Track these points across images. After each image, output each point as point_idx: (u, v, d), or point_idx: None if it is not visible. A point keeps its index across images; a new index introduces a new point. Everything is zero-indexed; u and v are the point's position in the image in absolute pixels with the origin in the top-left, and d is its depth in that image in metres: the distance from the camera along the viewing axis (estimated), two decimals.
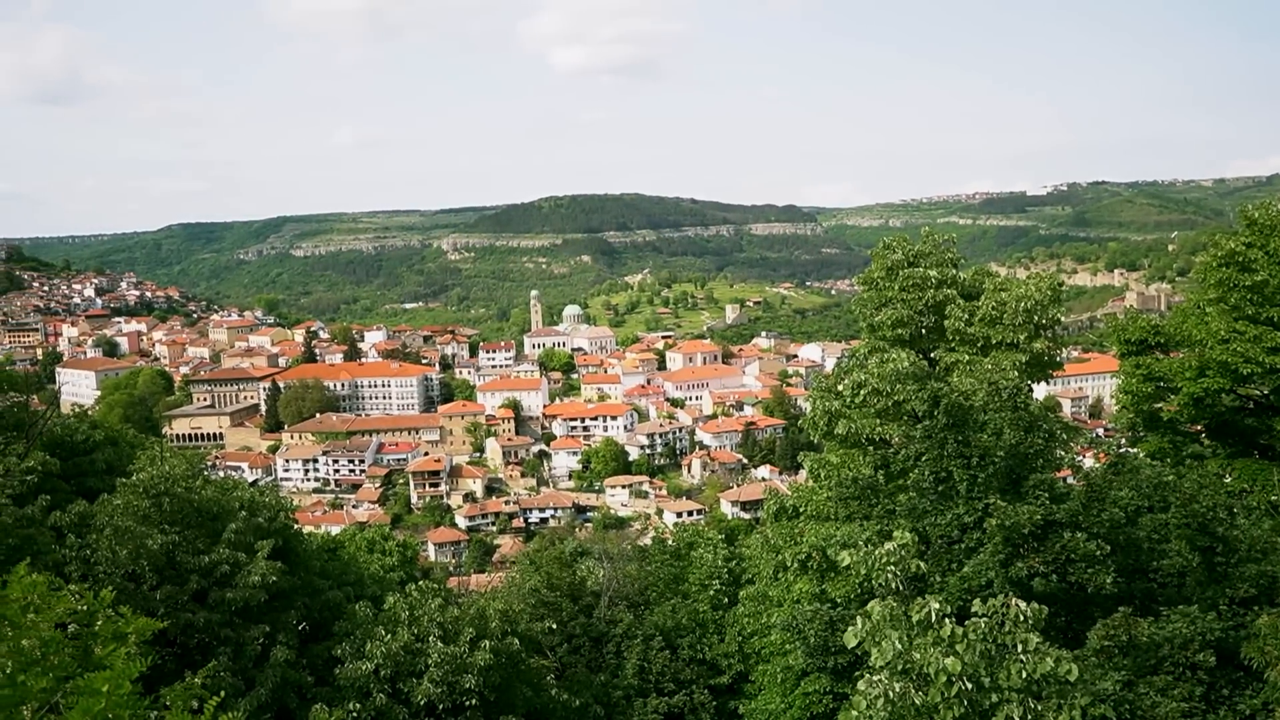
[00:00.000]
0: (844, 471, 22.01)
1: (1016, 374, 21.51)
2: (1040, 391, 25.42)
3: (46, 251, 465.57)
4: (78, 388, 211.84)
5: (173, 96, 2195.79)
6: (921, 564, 12.55)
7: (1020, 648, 10.50)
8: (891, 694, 10.35)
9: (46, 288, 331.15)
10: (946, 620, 10.70)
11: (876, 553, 12.20)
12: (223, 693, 8.34)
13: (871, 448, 23.21)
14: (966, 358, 23.57)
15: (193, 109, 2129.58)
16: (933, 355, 25.40)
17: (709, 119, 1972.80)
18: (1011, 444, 17.80)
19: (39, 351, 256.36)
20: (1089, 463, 25.09)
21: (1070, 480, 21.65)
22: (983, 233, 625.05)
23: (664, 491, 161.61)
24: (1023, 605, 10.79)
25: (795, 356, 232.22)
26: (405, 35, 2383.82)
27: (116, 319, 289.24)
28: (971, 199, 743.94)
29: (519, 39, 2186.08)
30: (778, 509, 25.68)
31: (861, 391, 22.04)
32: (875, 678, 10.58)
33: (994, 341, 24.12)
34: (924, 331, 25.68)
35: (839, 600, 20.62)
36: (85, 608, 8.10)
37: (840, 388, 23.52)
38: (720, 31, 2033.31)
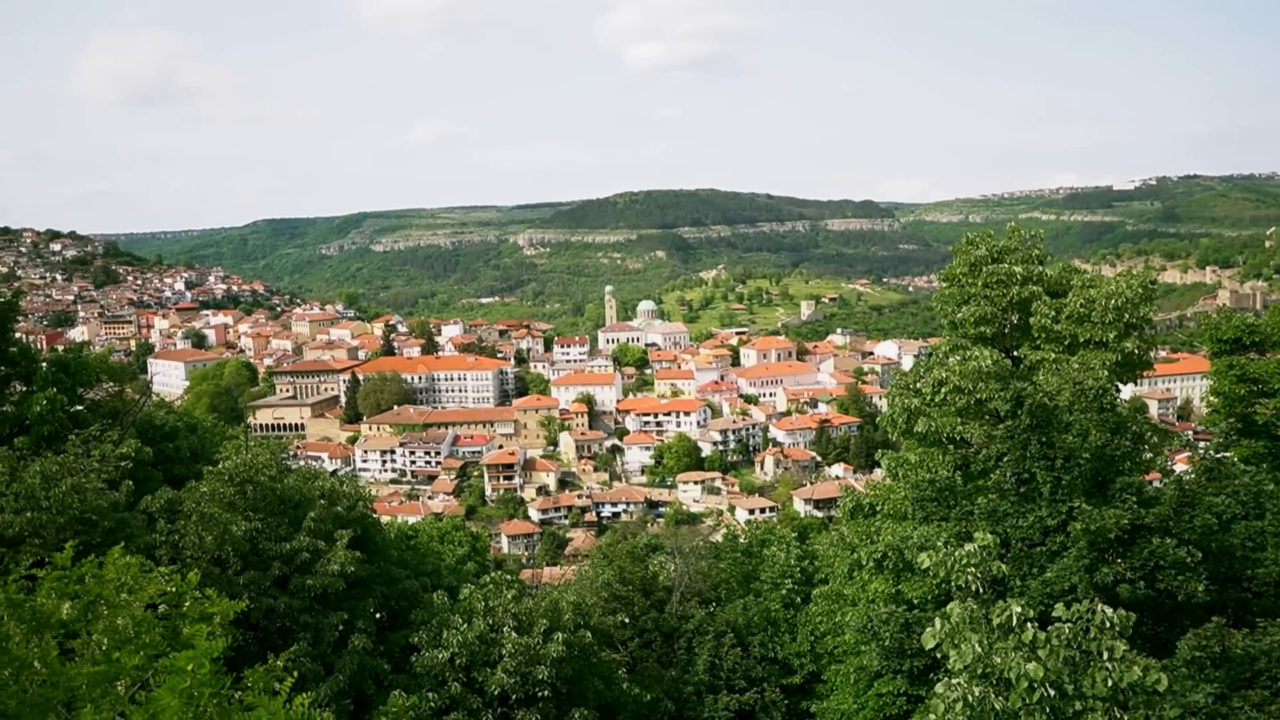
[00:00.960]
0: (922, 471, 21.63)
1: (1105, 374, 20.89)
2: (1126, 392, 24.62)
3: (140, 247, 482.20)
4: (168, 378, 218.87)
5: (260, 96, 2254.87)
6: (1003, 566, 12.27)
7: (1106, 655, 10.21)
8: (971, 698, 10.14)
9: (140, 282, 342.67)
10: (1029, 625, 10.44)
11: (956, 554, 11.96)
12: (295, 674, 8.51)
13: (952, 446, 22.74)
14: (1052, 356, 22.94)
15: (279, 108, 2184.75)
16: (1016, 353, 24.80)
17: (785, 114, 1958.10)
18: (1098, 446, 17.29)
19: (132, 343, 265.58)
20: (1180, 467, 24.27)
21: (1159, 484, 20.97)
22: (1066, 229, 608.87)
23: (736, 488, 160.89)
24: (1109, 611, 10.48)
25: (871, 354, 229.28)
26: (481, 34, 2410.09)
27: (205, 312, 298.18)
28: (1055, 194, 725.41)
29: (594, 36, 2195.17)
30: (853, 507, 25.35)
31: (942, 389, 21.64)
32: (954, 681, 10.37)
33: (1081, 340, 23.44)
34: (1007, 329, 25.07)
35: (915, 601, 20.30)
36: (174, 589, 8.35)
37: (920, 385, 23.12)
38: (797, 26, 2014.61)
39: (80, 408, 27.29)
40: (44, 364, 27.14)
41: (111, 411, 28.84)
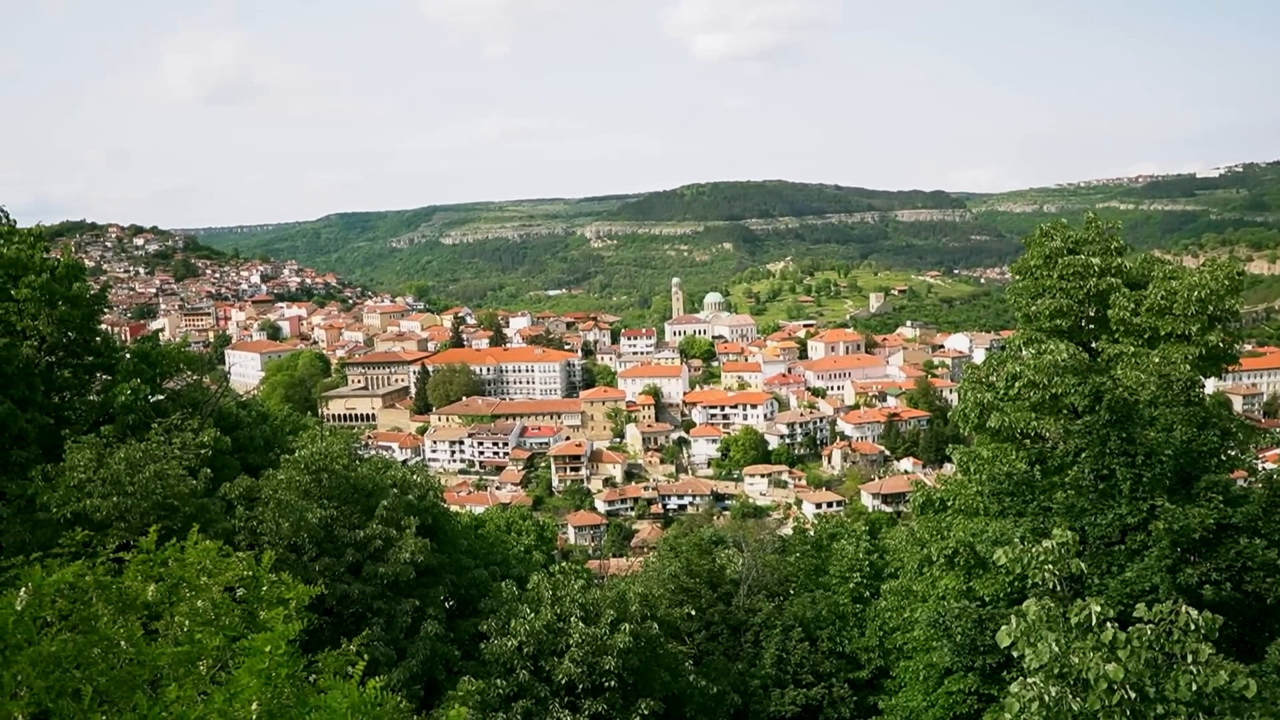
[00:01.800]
0: (996, 466, 21.19)
1: (1187, 368, 20.23)
2: (1210, 387, 23.83)
3: (218, 241, 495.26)
4: (244, 369, 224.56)
5: (331, 92, 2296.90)
6: (1081, 564, 11.96)
7: (1190, 658, 9.90)
8: (1047, 698, 9.91)
9: (218, 275, 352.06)
10: (1108, 625, 10.17)
11: (1034, 550, 11.69)
12: (365, 657, 8.65)
13: (1027, 442, 22.25)
14: (1131, 350, 22.28)
15: (349, 104, 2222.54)
16: (1093, 347, 24.16)
17: (853, 104, 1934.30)
18: (1182, 442, 16.76)
19: (211, 334, 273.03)
20: (1269, 465, 23.44)
21: (1246, 483, 20.27)
22: (1146, 218, 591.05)
23: (803, 482, 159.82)
24: (1193, 613, 10.16)
25: (941, 347, 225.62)
26: (548, 27, 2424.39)
27: (279, 304, 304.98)
28: (1134, 182, 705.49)
29: (660, 27, 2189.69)
30: (924, 502, 24.97)
31: (1016, 384, 21.16)
32: (1030, 680, 10.14)
33: (1162, 333, 22.73)
34: (1084, 323, 24.43)
35: (987, 598, 19.94)
36: (250, 573, 8.55)
37: (993, 379, 22.63)
38: (865, 13, 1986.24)
39: (161, 397, 28.08)
40: (126, 355, 27.95)
41: (191, 401, 29.65)
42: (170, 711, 6.50)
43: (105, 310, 30.07)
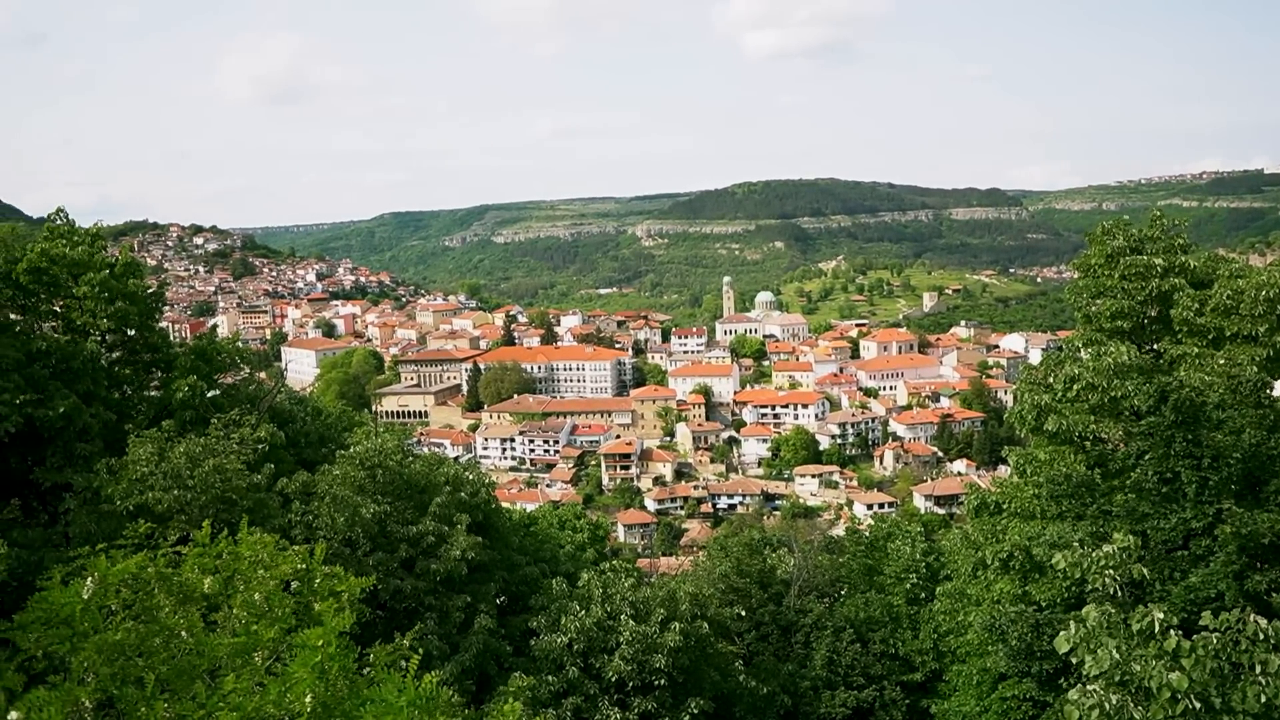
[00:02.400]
0: (1054, 468, 20.75)
1: (1255, 369, 19.66)
2: (1277, 390, 23.13)
3: (275, 240, 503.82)
4: (300, 366, 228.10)
5: (385, 92, 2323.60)
6: (1144, 570, 11.68)
7: (1259, 669, 9.61)
8: (1108, 706, 9.69)
9: (275, 273, 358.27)
10: (1172, 632, 9.91)
11: (1094, 555, 11.44)
12: (420, 652, 8.72)
13: (1087, 444, 21.78)
14: (1196, 351, 21.69)
15: (404, 103, 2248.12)
16: (1155, 348, 23.60)
17: (907, 100, 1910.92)
18: (1251, 445, 16.29)
19: (268, 331, 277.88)
20: None
21: None
22: (1210, 216, 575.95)
23: (855, 482, 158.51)
24: (1262, 622, 9.86)
25: (996, 347, 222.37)
26: (599, 26, 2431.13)
27: (334, 302, 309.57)
28: (1198, 179, 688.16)
29: (711, 25, 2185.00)
30: (979, 504, 24.56)
31: (1075, 385, 20.70)
32: (1090, 687, 9.92)
33: (1228, 334, 22.10)
34: (1146, 323, 23.85)
35: (1043, 603, 19.60)
36: (304, 566, 8.67)
37: (1051, 381, 22.18)
38: (918, 8, 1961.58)
39: (217, 393, 28.65)
40: (183, 352, 28.54)
41: (247, 397, 30.22)
42: (228, 701, 6.61)
43: (163, 307, 30.73)
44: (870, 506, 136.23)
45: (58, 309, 25.81)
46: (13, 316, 24.17)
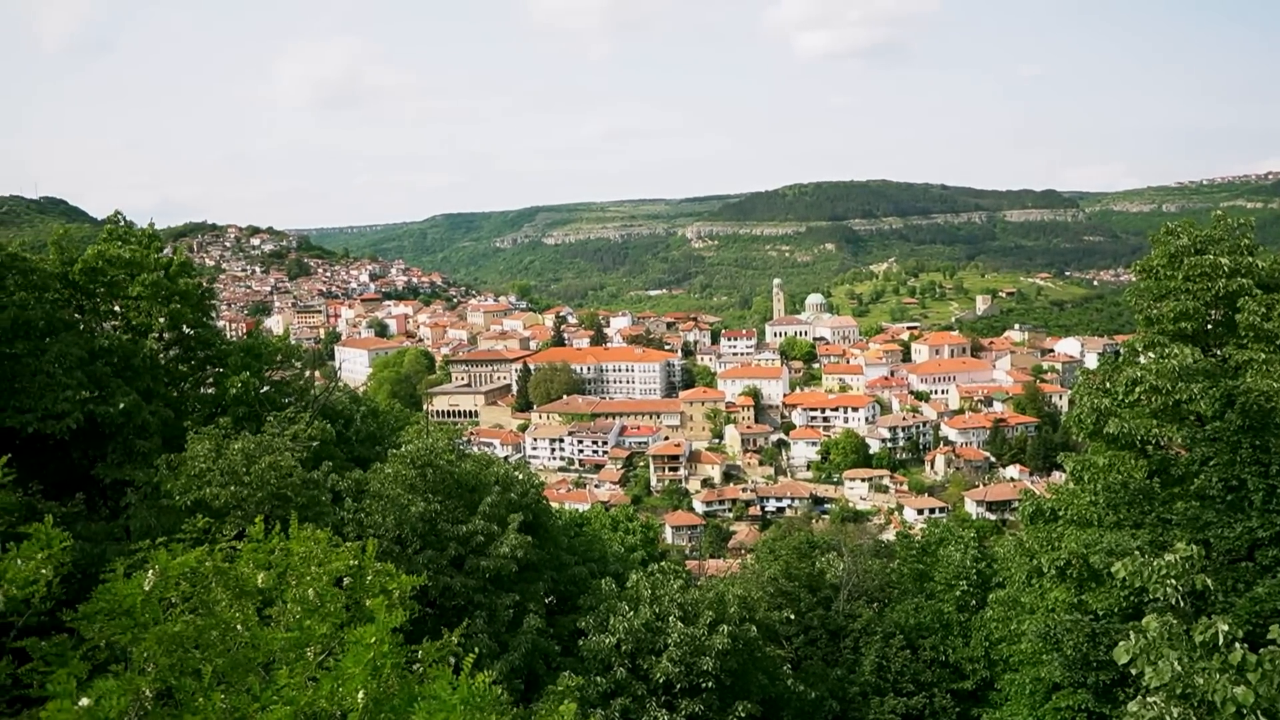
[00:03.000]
0: (1113, 475, 20.30)
1: None
2: None
3: (329, 241, 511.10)
4: (353, 365, 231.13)
5: (437, 95, 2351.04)
6: (1207, 580, 11.37)
7: None
8: (1169, 718, 9.45)
9: (329, 273, 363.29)
10: (1237, 645, 9.63)
11: (1155, 564, 11.16)
12: (477, 650, 8.77)
13: (1150, 448, 21.29)
14: (1262, 356, 21.09)
15: (456, 106, 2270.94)
16: (1220, 352, 22.99)
17: (960, 100, 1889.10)
18: None
19: (322, 331, 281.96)
20: None
21: None
22: (1277, 218, 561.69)
23: (905, 487, 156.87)
24: None
25: (1051, 351, 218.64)
26: (650, 27, 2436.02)
27: (387, 302, 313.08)
28: (1263, 179, 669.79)
29: (762, 26, 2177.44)
30: (1034, 511, 24.14)
31: (1136, 389, 20.27)
32: (1151, 700, 9.68)
33: None
34: (1210, 326, 23.25)
35: (1100, 612, 19.20)
36: (356, 562, 8.75)
37: (1110, 384, 21.72)
38: (971, 7, 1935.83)
39: (267, 388, 29.19)
40: (233, 349, 29.13)
41: (295, 391, 30.77)
42: (281, 695, 6.68)
43: (215, 305, 31.42)
44: (921, 511, 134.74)
45: (117, 309, 26.49)
46: (74, 316, 24.80)
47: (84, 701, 6.22)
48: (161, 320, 26.65)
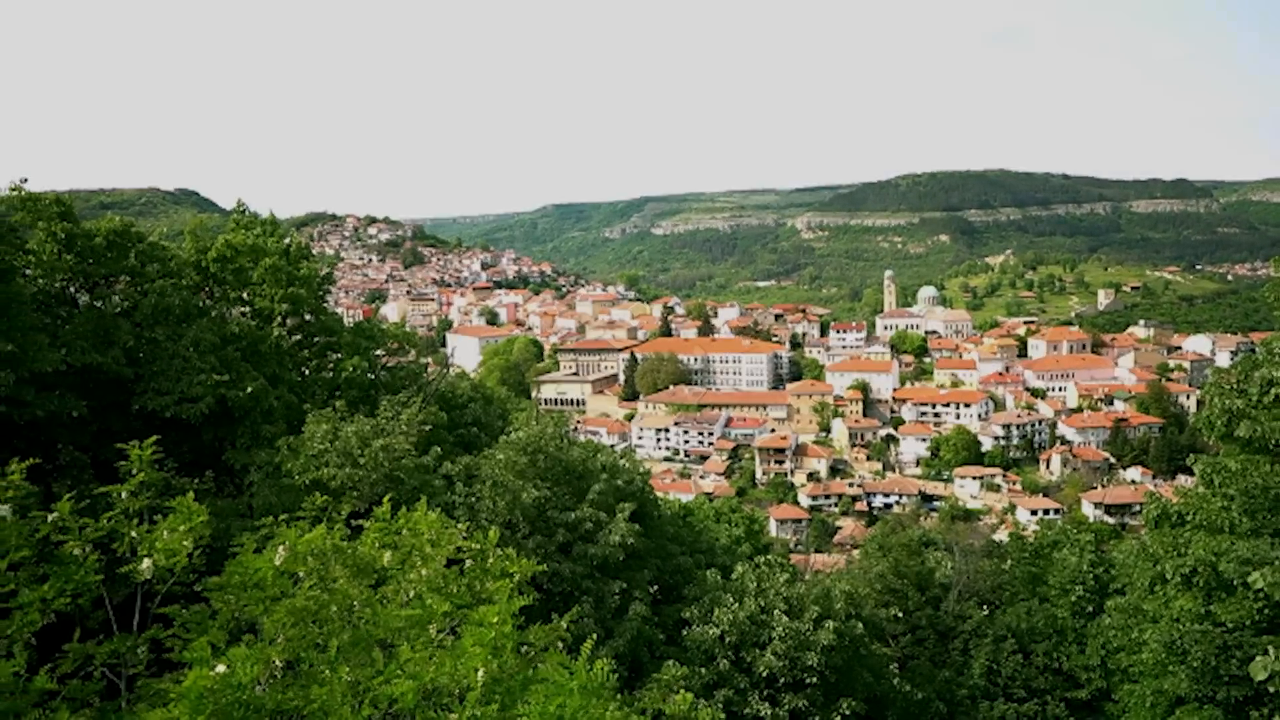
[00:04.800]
0: (1248, 479, 19.31)
1: None
2: None
3: (443, 231, 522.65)
4: (464, 352, 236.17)
5: (539, 82, 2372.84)
6: None
7: None
8: None
9: (442, 262, 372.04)
10: None
11: None
12: (593, 636, 8.91)
13: None
14: None
15: (564, 95, 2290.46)
16: None
17: (1086, 86, 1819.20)
18: None
19: (435, 319, 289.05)
20: None
21: None
22: None
23: (1018, 486, 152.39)
24: None
25: (1178, 349, 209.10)
26: (761, 16, 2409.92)
27: (498, 291, 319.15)
28: None
29: (880, 12, 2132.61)
30: (1159, 514, 23.15)
31: (1273, 390, 19.26)
32: None
33: None
34: None
35: (1231, 624, 18.31)
36: (477, 545, 8.96)
37: (1245, 385, 20.67)
38: None
39: (381, 372, 30.09)
40: (346, 330, 30.10)
41: (408, 374, 31.63)
42: (405, 669, 6.89)
43: (331, 290, 32.51)
44: (1034, 512, 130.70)
45: (245, 296, 27.67)
46: (207, 303, 25.99)
47: (220, 668, 6.54)
48: (284, 306, 27.73)
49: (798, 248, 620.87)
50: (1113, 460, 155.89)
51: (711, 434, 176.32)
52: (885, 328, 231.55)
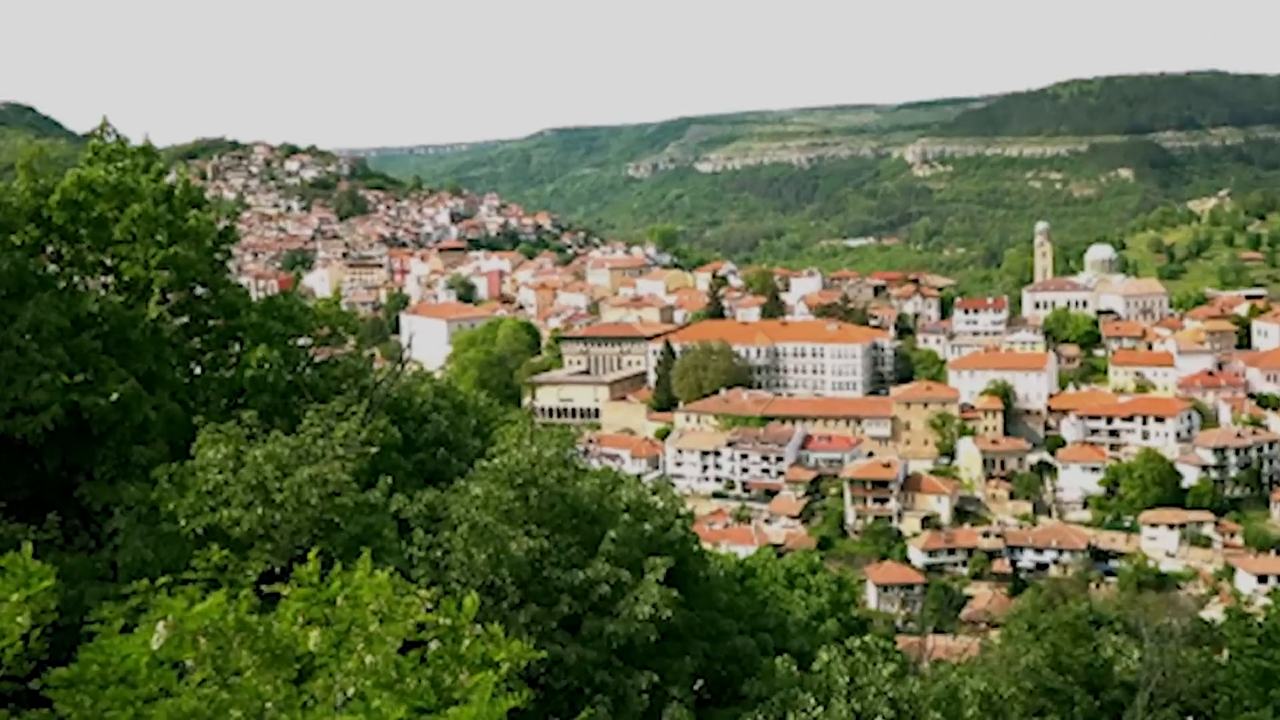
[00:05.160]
0: None
1: None
2: None
3: (395, 166, 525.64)
4: (426, 340, 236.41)
5: None
6: None
7: None
8: None
9: (394, 212, 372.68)
10: None
11: None
12: None
13: None
14: None
15: None
16: None
17: None
18: None
19: (383, 293, 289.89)
20: None
21: None
22: None
23: (1238, 539, 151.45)
24: None
25: None
26: None
27: (474, 253, 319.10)
28: None
29: None
30: None
31: None
32: None
33: None
34: None
35: None
36: (446, 620, 8.85)
37: None
38: None
39: (307, 370, 29.76)
40: (250, 309, 29.38)
41: (346, 374, 31.23)
42: None
43: (232, 251, 32.02)
44: (1264, 579, 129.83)
45: (107, 261, 27.18)
46: (50, 268, 25.57)
47: None
48: (164, 274, 27.41)
49: (907, 190, 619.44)
50: None
51: (781, 459, 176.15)
52: (1036, 306, 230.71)
